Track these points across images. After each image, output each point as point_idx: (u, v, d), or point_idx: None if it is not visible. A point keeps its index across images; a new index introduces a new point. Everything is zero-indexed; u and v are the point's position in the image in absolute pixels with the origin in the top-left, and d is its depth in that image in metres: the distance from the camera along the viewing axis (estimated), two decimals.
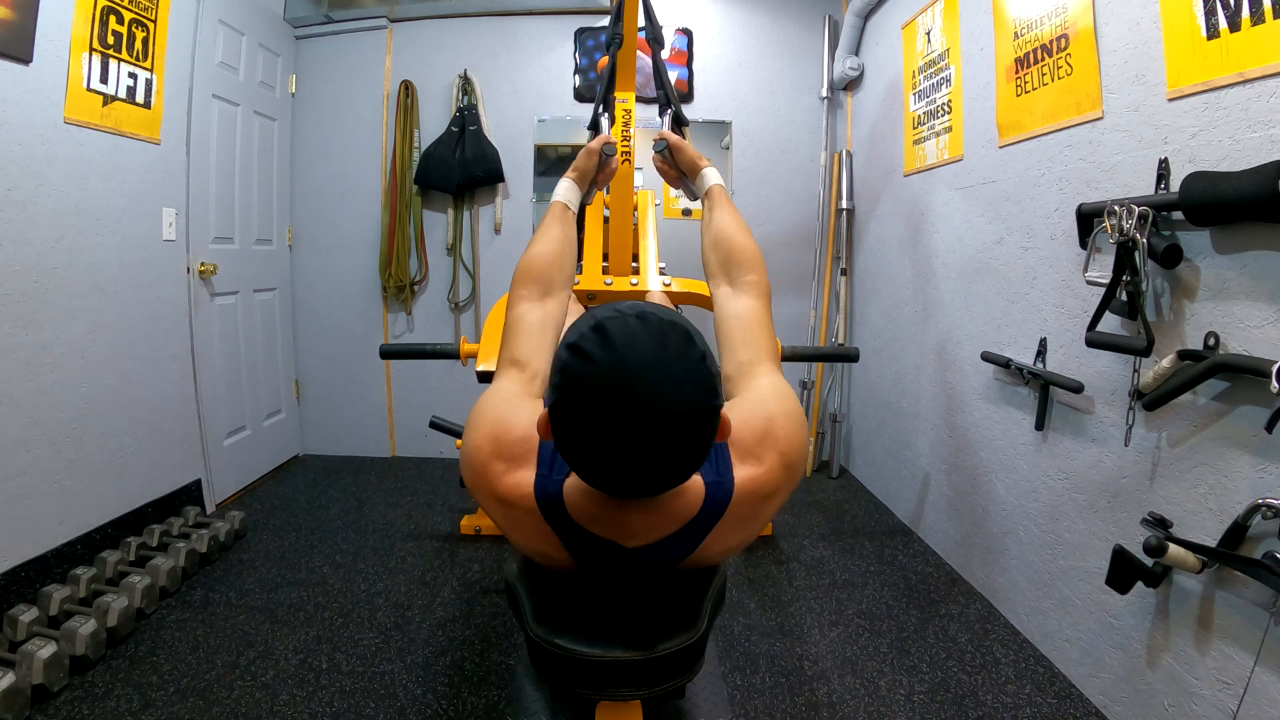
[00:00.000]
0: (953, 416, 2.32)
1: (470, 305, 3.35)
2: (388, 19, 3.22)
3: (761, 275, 1.06)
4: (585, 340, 0.66)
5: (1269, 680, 1.15)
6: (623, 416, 0.63)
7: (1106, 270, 1.46)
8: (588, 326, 0.67)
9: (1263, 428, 1.13)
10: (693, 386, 0.65)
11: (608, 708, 0.82)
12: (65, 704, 1.54)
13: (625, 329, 0.66)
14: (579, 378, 0.65)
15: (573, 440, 0.66)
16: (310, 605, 2.03)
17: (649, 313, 0.68)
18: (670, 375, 0.64)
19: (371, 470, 3.27)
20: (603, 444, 0.64)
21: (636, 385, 0.63)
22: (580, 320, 0.70)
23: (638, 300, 0.75)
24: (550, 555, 0.80)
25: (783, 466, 0.81)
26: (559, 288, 1.05)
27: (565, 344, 0.68)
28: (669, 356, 0.65)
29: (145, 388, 2.31)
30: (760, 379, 0.91)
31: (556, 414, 0.66)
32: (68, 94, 1.95)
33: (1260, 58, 1.15)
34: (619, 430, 0.63)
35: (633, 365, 0.64)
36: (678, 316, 0.71)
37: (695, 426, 0.65)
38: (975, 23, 2.13)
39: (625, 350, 0.64)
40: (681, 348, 0.66)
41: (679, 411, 0.64)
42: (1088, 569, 1.64)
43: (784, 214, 3.31)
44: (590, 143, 1.29)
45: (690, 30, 3.25)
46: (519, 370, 0.93)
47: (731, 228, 1.11)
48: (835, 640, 1.90)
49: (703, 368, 0.67)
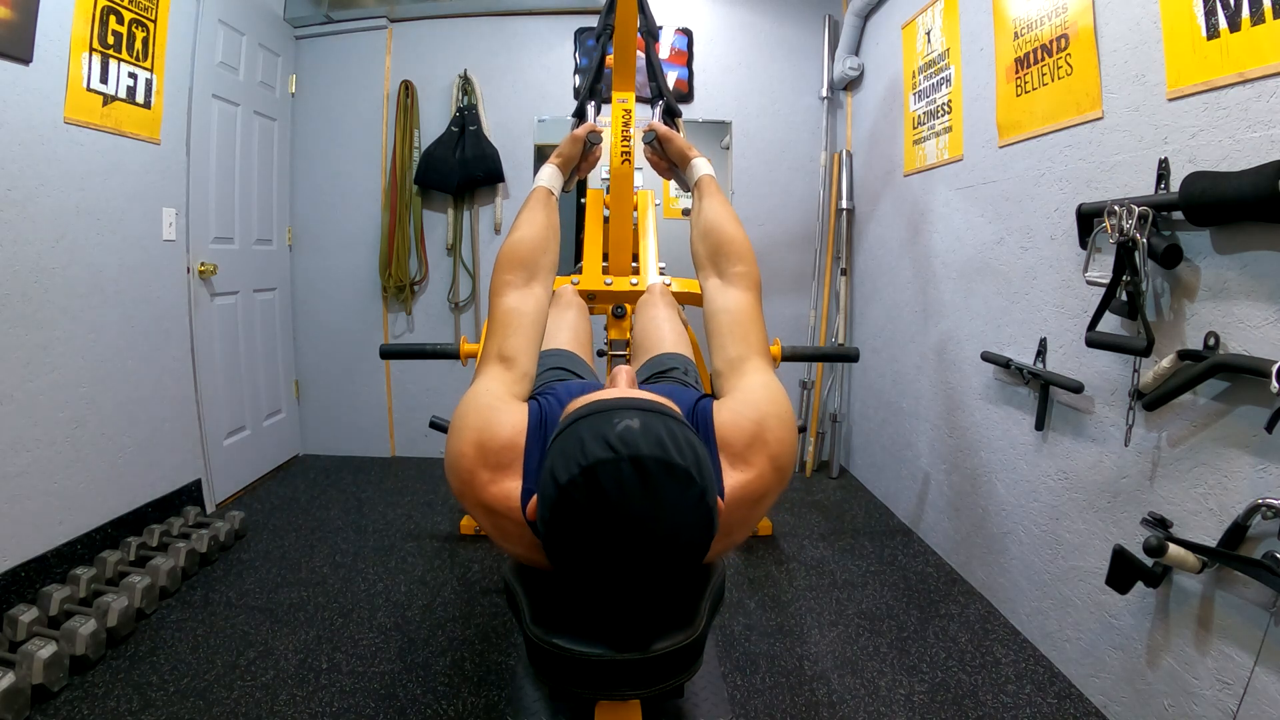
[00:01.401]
0: (953, 416, 2.32)
1: (470, 305, 3.35)
2: (388, 19, 3.22)
3: (751, 266, 1.03)
4: (576, 489, 0.62)
5: (1269, 680, 1.15)
6: (616, 562, 0.64)
7: (1106, 270, 1.45)
8: (578, 466, 0.62)
9: (1263, 428, 1.13)
10: (689, 531, 0.64)
11: (607, 707, 0.82)
12: (65, 704, 1.54)
13: (618, 481, 0.61)
14: (570, 527, 0.63)
15: (564, 564, 0.67)
16: (310, 605, 2.03)
17: (645, 456, 0.62)
18: (666, 524, 0.63)
19: (371, 470, 3.27)
20: (594, 575, 0.66)
21: (630, 538, 0.62)
22: (568, 442, 0.65)
23: (636, 402, 0.69)
24: (539, 561, 0.79)
25: (773, 470, 0.80)
26: (544, 272, 1.04)
27: (555, 478, 0.64)
28: (666, 508, 0.62)
29: (145, 388, 2.31)
30: (751, 376, 0.90)
31: (548, 539, 0.66)
32: (68, 94, 1.95)
33: (1260, 58, 1.15)
34: (612, 569, 0.64)
35: (627, 520, 0.62)
36: (677, 440, 0.65)
37: (690, 556, 0.66)
38: (975, 23, 2.13)
39: (619, 505, 0.61)
40: (679, 494, 0.63)
41: (673, 552, 0.64)
42: (1088, 569, 1.63)
43: (784, 214, 3.31)
44: (575, 129, 1.30)
45: (690, 30, 3.25)
46: (505, 369, 0.91)
47: (721, 218, 1.09)
48: (835, 640, 1.89)
49: (701, 508, 0.64)
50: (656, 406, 0.69)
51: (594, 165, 1.39)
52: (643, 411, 0.67)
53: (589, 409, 0.69)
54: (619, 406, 0.68)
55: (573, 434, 0.66)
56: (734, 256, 1.04)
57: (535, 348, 0.96)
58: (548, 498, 0.65)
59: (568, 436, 0.66)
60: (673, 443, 0.64)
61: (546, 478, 0.66)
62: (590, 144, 1.32)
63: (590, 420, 0.66)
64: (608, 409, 0.67)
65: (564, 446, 0.65)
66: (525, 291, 1.00)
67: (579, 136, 1.29)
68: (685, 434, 0.67)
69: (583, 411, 0.69)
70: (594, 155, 1.36)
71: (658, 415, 0.67)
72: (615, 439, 0.63)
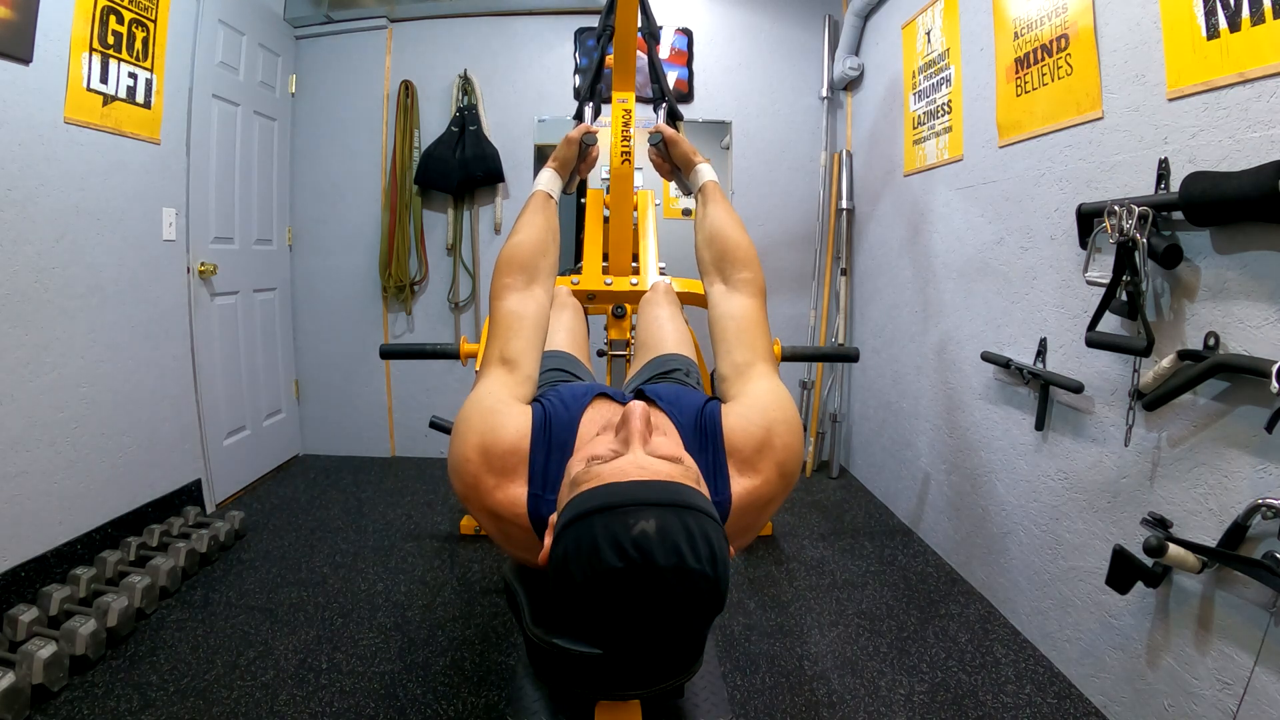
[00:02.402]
0: (953, 416, 2.32)
1: (470, 305, 3.35)
2: (388, 19, 3.22)
3: (756, 273, 1.04)
4: (589, 589, 0.62)
5: (1269, 680, 1.15)
6: (625, 642, 0.64)
7: (1106, 270, 1.45)
8: (591, 571, 0.61)
9: (1263, 428, 1.13)
10: (700, 615, 0.64)
11: (607, 707, 0.82)
12: (65, 704, 1.54)
13: (633, 590, 0.61)
14: (582, 612, 0.64)
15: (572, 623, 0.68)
16: (310, 605, 2.03)
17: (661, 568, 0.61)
18: (678, 616, 0.63)
19: (371, 470, 3.27)
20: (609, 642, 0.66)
21: (641, 629, 0.63)
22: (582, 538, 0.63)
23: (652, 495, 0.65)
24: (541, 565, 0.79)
25: (779, 476, 0.81)
26: (544, 275, 1.05)
27: (570, 571, 0.63)
28: (678, 605, 0.62)
29: (145, 388, 2.31)
30: (757, 382, 0.90)
31: (558, 599, 0.66)
32: (68, 94, 1.95)
33: (1260, 58, 1.15)
34: (620, 646, 0.65)
35: (639, 618, 0.62)
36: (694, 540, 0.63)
37: (699, 631, 0.67)
38: (975, 23, 2.13)
39: (633, 608, 0.62)
40: (692, 593, 0.62)
41: (683, 632, 0.65)
42: (1088, 569, 1.63)
43: (784, 214, 3.31)
44: (570, 132, 1.29)
45: (690, 30, 3.25)
46: (508, 371, 0.91)
47: (726, 224, 1.10)
48: (835, 640, 1.89)
49: (713, 596, 0.64)
50: (672, 497, 0.65)
51: (593, 166, 1.39)
52: (659, 508, 0.64)
53: (605, 499, 0.65)
54: (635, 503, 0.64)
55: (587, 530, 0.63)
56: (739, 263, 1.05)
57: (538, 351, 0.96)
58: (561, 580, 0.64)
59: (582, 530, 0.64)
60: (689, 546, 0.62)
61: (559, 562, 0.65)
62: (585, 145, 1.32)
63: (606, 519, 0.63)
64: (623, 504, 0.64)
65: (578, 541, 0.63)
66: (526, 294, 1.00)
67: (573, 139, 1.28)
68: (702, 526, 0.64)
69: (598, 502, 0.65)
70: (591, 156, 1.36)
71: (673, 510, 0.64)
72: (630, 546, 0.61)
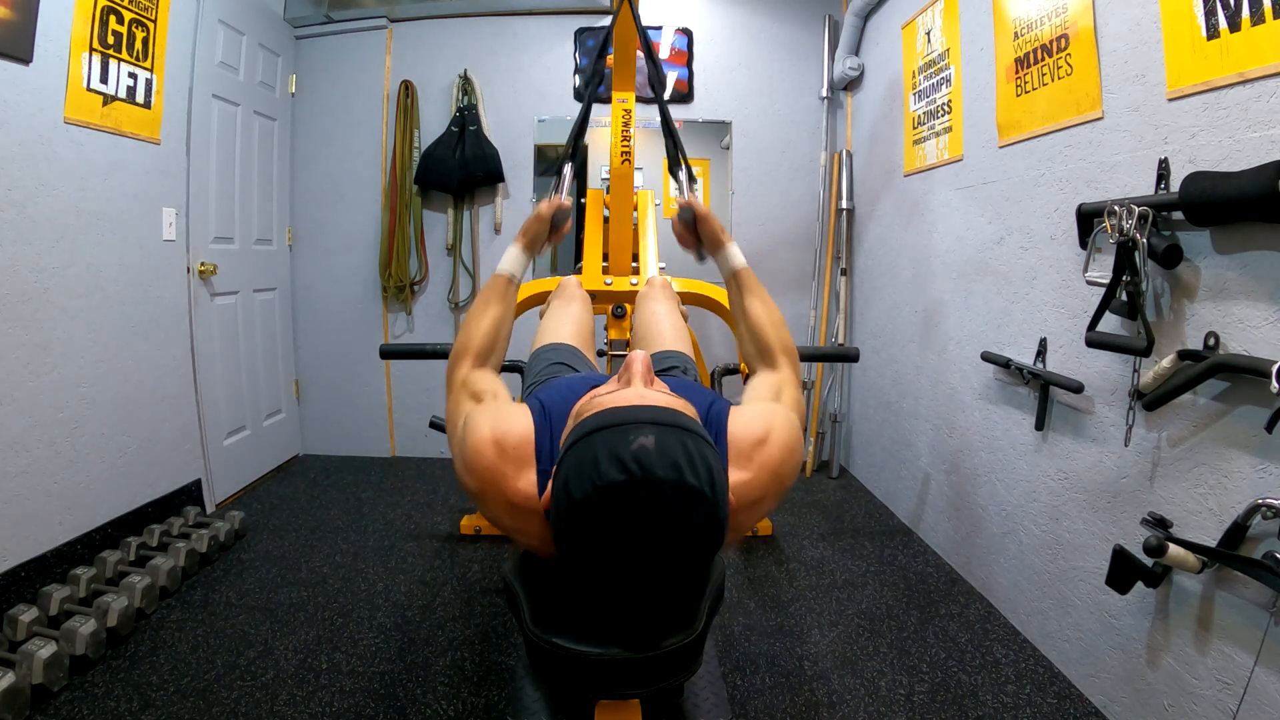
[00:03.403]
0: (953, 416, 2.32)
1: (470, 305, 3.34)
2: (388, 19, 3.22)
3: (793, 357, 1.09)
4: (589, 506, 0.64)
5: (1269, 680, 1.15)
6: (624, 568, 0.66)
7: (1106, 270, 1.45)
8: (592, 486, 0.63)
9: (1263, 428, 1.13)
10: (698, 543, 0.66)
11: (607, 706, 0.82)
12: (65, 704, 1.54)
13: (632, 503, 0.63)
14: (582, 536, 0.65)
15: (572, 562, 0.69)
16: (310, 605, 2.03)
17: (660, 480, 0.63)
18: (676, 538, 0.65)
19: (371, 470, 3.27)
20: (602, 577, 0.68)
21: (640, 550, 0.64)
22: (583, 455, 0.65)
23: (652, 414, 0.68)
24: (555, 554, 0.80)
25: (770, 476, 0.82)
26: (498, 358, 1.07)
27: (569, 491, 0.65)
28: (677, 525, 0.64)
29: (145, 388, 2.31)
30: (778, 401, 0.96)
31: (559, 538, 0.68)
32: (68, 94, 1.95)
33: (1260, 58, 1.15)
34: (619, 574, 0.66)
35: (638, 536, 0.64)
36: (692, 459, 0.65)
37: (698, 564, 0.68)
38: (975, 23, 2.12)
39: (631, 524, 0.63)
40: (691, 513, 0.64)
41: (681, 561, 0.66)
42: (1088, 569, 1.63)
43: (784, 214, 3.31)
44: (540, 206, 1.22)
45: (690, 30, 3.24)
46: (490, 399, 0.94)
47: (767, 322, 1.11)
48: (835, 640, 1.89)
49: (712, 523, 0.66)
50: (672, 418, 0.68)
51: (563, 237, 1.32)
52: (658, 426, 0.66)
53: (605, 419, 0.68)
54: (635, 420, 0.67)
55: (588, 448, 0.66)
56: (780, 357, 1.09)
57: (501, 385, 0.99)
58: (560, 504, 0.66)
59: (583, 449, 0.66)
60: (687, 463, 0.64)
61: (560, 487, 0.66)
62: (557, 222, 1.25)
63: (606, 435, 0.66)
64: (624, 423, 0.67)
65: (579, 459, 0.65)
66: (485, 370, 1.03)
67: (544, 216, 1.20)
68: (700, 449, 0.66)
69: (599, 422, 0.68)
70: (564, 229, 1.29)
71: (672, 430, 0.66)
72: (630, 459, 0.63)
